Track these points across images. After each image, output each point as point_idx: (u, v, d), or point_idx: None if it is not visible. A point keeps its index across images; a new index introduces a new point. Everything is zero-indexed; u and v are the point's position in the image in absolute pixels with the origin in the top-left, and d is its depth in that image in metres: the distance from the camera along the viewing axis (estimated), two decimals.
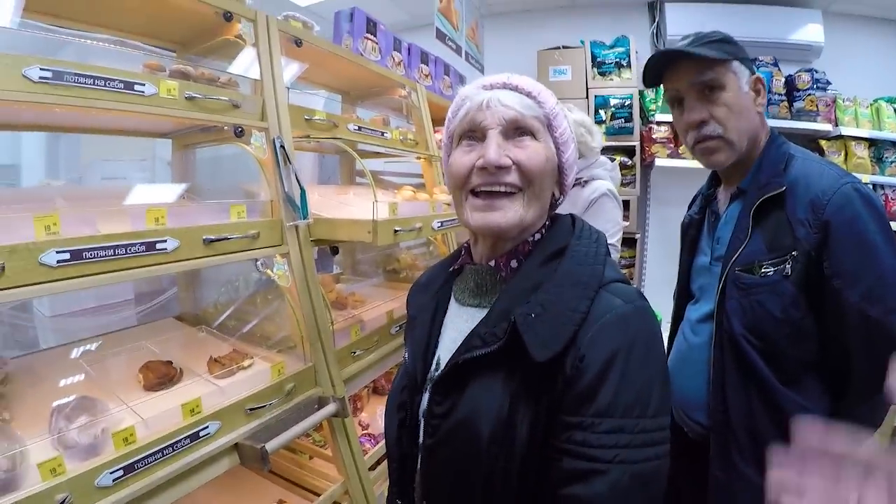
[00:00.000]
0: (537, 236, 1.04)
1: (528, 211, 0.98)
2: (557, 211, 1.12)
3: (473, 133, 1.00)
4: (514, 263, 1.03)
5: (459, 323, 1.07)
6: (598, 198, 2.62)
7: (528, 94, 0.99)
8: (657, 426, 0.86)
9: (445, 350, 1.07)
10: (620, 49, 4.66)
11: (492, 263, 1.04)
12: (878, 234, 1.36)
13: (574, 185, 2.61)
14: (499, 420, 0.90)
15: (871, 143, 4.28)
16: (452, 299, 1.14)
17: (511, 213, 0.97)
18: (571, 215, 1.09)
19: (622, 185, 4.40)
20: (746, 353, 1.47)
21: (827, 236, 1.36)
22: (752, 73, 1.53)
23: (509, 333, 0.90)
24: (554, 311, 0.89)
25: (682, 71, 1.50)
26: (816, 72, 4.26)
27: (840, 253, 1.35)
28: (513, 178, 0.96)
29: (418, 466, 1.08)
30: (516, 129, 0.98)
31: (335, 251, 2.44)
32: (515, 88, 1.00)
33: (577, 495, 0.83)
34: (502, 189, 0.97)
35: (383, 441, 1.22)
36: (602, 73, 4.70)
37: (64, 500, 1.12)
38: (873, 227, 1.35)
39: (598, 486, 0.82)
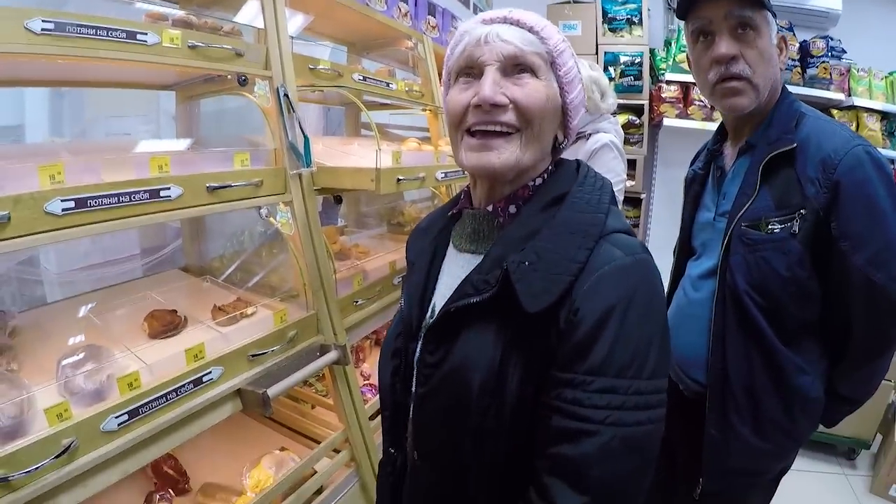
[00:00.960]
0: (538, 181, 0.98)
1: (525, 153, 0.92)
2: None
3: (471, 69, 0.93)
4: (512, 209, 0.98)
5: (455, 269, 1.04)
6: (599, 148, 2.54)
7: (530, 30, 0.92)
8: (653, 389, 0.83)
9: (441, 297, 1.03)
10: (632, 6, 4.52)
11: (490, 208, 1.00)
12: (888, 199, 1.34)
13: (578, 139, 2.58)
14: (490, 371, 0.87)
15: (884, 116, 4.16)
16: (450, 245, 1.10)
17: (506, 153, 0.91)
18: (577, 161, 1.05)
19: (629, 143, 4.34)
20: (748, 310, 1.46)
21: (836, 196, 1.34)
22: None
23: (501, 282, 0.86)
24: (549, 261, 0.85)
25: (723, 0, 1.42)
26: (832, 39, 4.10)
27: (849, 214, 1.34)
28: (509, 117, 0.90)
29: (410, 416, 1.07)
30: (516, 66, 0.91)
31: (339, 200, 2.44)
32: (516, 23, 0.93)
33: (564, 455, 0.81)
34: (498, 128, 0.91)
35: None
36: (612, 30, 4.58)
37: (70, 445, 1.15)
38: (883, 192, 1.34)
39: (587, 446, 0.79)
